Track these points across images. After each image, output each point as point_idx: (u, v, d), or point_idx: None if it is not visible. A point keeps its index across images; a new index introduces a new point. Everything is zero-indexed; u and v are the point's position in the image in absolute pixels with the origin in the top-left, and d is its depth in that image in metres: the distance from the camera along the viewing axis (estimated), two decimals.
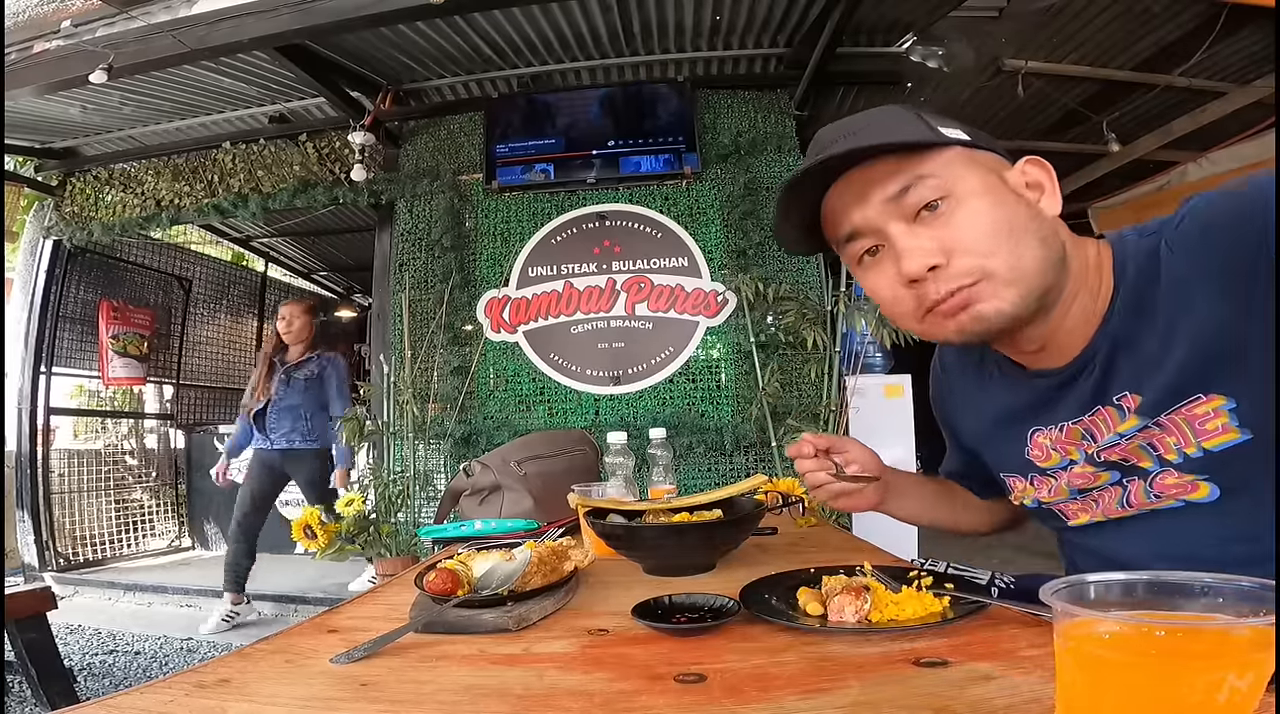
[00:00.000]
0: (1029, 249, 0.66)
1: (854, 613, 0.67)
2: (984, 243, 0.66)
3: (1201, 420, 0.66)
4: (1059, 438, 0.78)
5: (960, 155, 0.69)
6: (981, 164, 0.70)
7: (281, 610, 3.68)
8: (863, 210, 0.70)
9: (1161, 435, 0.70)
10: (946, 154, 0.68)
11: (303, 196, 3.88)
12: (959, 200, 0.67)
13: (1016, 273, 0.66)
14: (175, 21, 2.88)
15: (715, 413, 3.46)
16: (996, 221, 0.66)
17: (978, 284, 0.67)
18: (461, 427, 3.47)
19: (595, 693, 0.55)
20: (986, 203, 0.67)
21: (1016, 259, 0.66)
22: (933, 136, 0.68)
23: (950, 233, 0.67)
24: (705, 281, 3.54)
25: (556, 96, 3.75)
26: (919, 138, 0.68)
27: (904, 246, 0.68)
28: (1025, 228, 0.67)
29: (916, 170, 0.67)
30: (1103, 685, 0.36)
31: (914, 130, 0.70)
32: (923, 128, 0.69)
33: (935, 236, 0.67)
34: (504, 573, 0.82)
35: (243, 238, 6.21)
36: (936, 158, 0.68)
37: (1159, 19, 3.18)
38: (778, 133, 3.66)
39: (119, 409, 5.34)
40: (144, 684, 0.61)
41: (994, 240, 0.66)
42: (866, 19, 3.25)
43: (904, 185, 0.68)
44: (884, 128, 0.70)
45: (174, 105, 3.89)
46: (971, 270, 0.66)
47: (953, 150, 0.69)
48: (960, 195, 0.67)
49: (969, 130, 0.73)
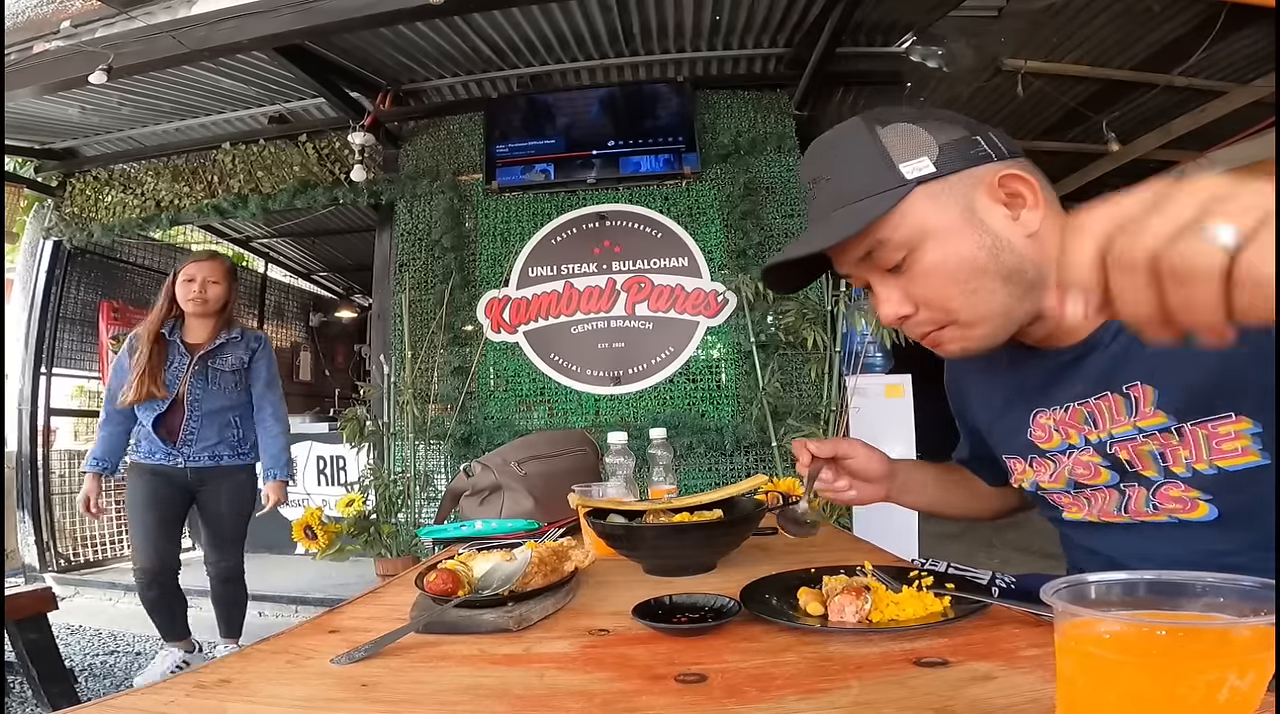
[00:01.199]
0: (990, 292, 0.70)
1: (854, 613, 0.67)
2: (944, 293, 0.71)
3: (1221, 439, 0.66)
4: (1061, 419, 0.78)
5: (922, 197, 0.69)
6: (948, 197, 0.70)
7: (282, 611, 3.68)
8: (844, 267, 0.77)
9: (1176, 446, 0.69)
10: (908, 202, 0.69)
11: (302, 197, 3.88)
12: (918, 256, 0.71)
13: (979, 315, 0.71)
14: (175, 22, 2.88)
15: (715, 413, 3.46)
16: (955, 270, 0.70)
17: (944, 329, 0.73)
18: (462, 427, 3.47)
19: (596, 693, 0.55)
20: (946, 251, 0.69)
21: (977, 303, 0.70)
22: (889, 197, 0.69)
23: (915, 287, 0.72)
24: (705, 281, 3.54)
25: (556, 96, 3.75)
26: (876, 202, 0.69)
27: (879, 296, 0.75)
28: (984, 269, 0.69)
29: (877, 236, 0.71)
30: (1103, 685, 0.36)
31: (871, 179, 0.70)
32: (882, 174, 0.70)
33: (903, 289, 0.73)
34: (504, 573, 0.82)
35: (242, 238, 6.20)
36: (898, 213, 0.69)
37: (1159, 18, 3.18)
38: (777, 133, 3.65)
39: None
40: (144, 685, 0.61)
41: (953, 288, 0.70)
42: (866, 19, 3.25)
43: (868, 250, 0.73)
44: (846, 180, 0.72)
45: (173, 106, 3.89)
46: (935, 319, 0.73)
47: (913, 195, 0.69)
48: (920, 249, 0.70)
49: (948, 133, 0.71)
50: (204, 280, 2.46)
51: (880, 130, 0.72)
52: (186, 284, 2.45)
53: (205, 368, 2.49)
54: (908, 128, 0.71)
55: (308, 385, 7.33)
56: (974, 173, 0.70)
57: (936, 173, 0.69)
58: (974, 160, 0.70)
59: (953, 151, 0.70)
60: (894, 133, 0.71)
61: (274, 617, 3.62)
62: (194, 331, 2.52)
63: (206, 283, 2.47)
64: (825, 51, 3.17)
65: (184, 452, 2.47)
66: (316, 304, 7.68)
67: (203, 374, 2.49)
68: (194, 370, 2.47)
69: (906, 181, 0.69)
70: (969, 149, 0.71)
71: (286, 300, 7.27)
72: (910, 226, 0.70)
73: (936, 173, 0.69)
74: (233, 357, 2.53)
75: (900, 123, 0.72)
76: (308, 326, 7.50)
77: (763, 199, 3.53)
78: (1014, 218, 0.70)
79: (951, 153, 0.70)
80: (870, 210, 0.69)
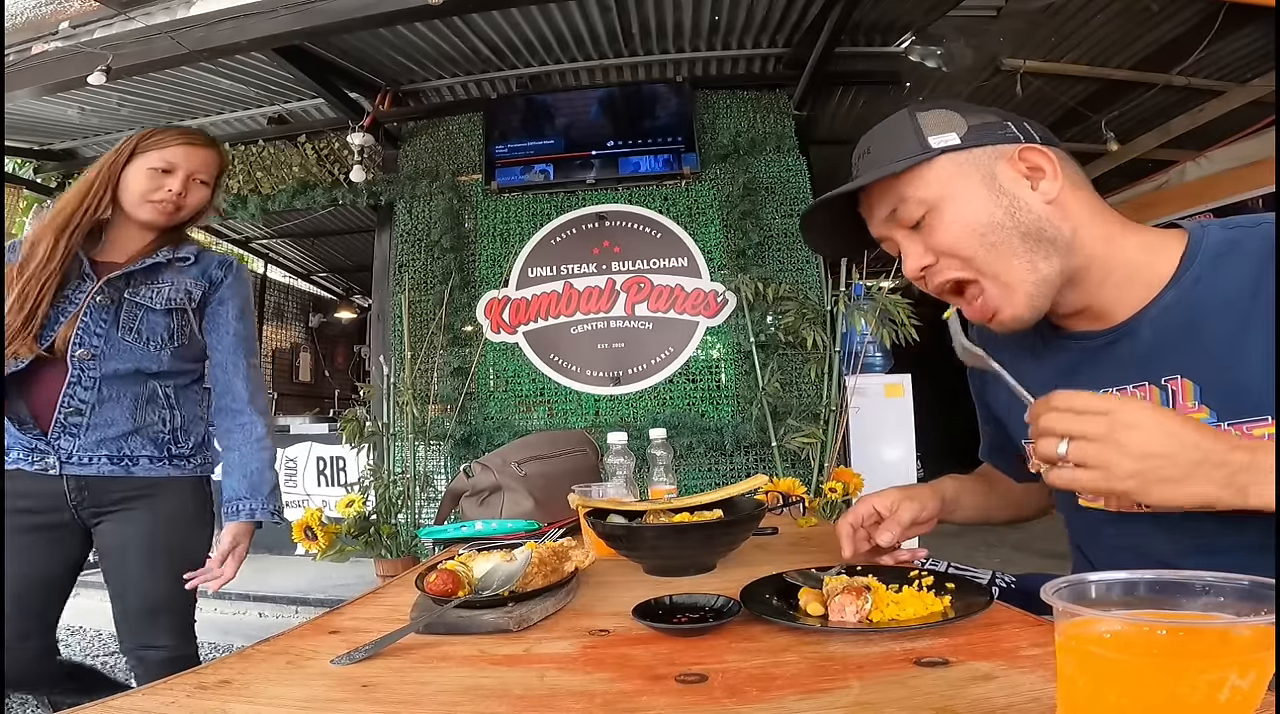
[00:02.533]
0: (1008, 246, 0.74)
1: (855, 613, 0.67)
2: (962, 245, 0.76)
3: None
4: None
5: (947, 164, 0.76)
6: (970, 165, 0.76)
7: (282, 612, 3.68)
8: (874, 227, 0.84)
9: None
10: (931, 168, 0.76)
11: (302, 198, 3.88)
12: (939, 212, 0.76)
13: (1000, 268, 0.75)
14: (174, 23, 2.87)
15: (715, 413, 3.46)
16: (968, 224, 0.75)
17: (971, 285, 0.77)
18: (462, 427, 3.47)
19: (596, 693, 0.55)
20: (962, 209, 0.75)
21: (997, 256, 0.75)
22: (911, 159, 0.76)
23: (935, 239, 0.77)
24: (705, 281, 3.54)
25: (556, 97, 3.75)
26: (899, 162, 0.77)
27: (904, 252, 0.81)
28: (1001, 223, 0.74)
29: (900, 193, 0.78)
30: (1104, 685, 0.36)
31: (903, 149, 0.78)
32: (912, 145, 0.77)
33: (925, 242, 0.78)
34: (505, 574, 0.82)
35: (242, 239, 6.20)
36: (919, 176, 0.77)
37: (1157, 18, 3.18)
38: (777, 133, 3.66)
39: None
40: (145, 685, 0.61)
41: (972, 238, 0.75)
42: (865, 19, 3.25)
43: (892, 208, 0.79)
44: (881, 151, 0.80)
45: (173, 107, 3.88)
46: (951, 266, 0.77)
47: (939, 162, 0.76)
48: (940, 207, 0.76)
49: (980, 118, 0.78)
50: (190, 176, 1.45)
51: (919, 113, 0.79)
52: (157, 175, 1.42)
53: (117, 300, 1.41)
54: (943, 112, 0.79)
55: (307, 386, 7.33)
56: (998, 148, 0.77)
57: (961, 145, 0.76)
58: (999, 139, 0.77)
59: (980, 130, 0.77)
60: (930, 115, 0.79)
61: (274, 618, 3.62)
62: (117, 244, 1.45)
63: (193, 181, 1.46)
64: (824, 51, 3.17)
65: (61, 447, 1.35)
66: (316, 305, 7.68)
67: (110, 310, 1.40)
68: (96, 303, 1.38)
69: (931, 149, 0.76)
70: (996, 130, 0.77)
71: (286, 301, 7.28)
72: (931, 186, 0.76)
73: (961, 145, 0.76)
74: (173, 287, 1.46)
75: (938, 109, 0.80)
76: (307, 327, 7.51)
77: (762, 199, 3.53)
78: (1033, 187, 0.75)
79: (979, 131, 0.77)
80: (893, 167, 0.77)
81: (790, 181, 3.59)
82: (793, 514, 1.42)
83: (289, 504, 4.37)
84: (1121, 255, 0.75)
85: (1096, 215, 0.76)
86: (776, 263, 3.49)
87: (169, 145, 1.45)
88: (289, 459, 4.48)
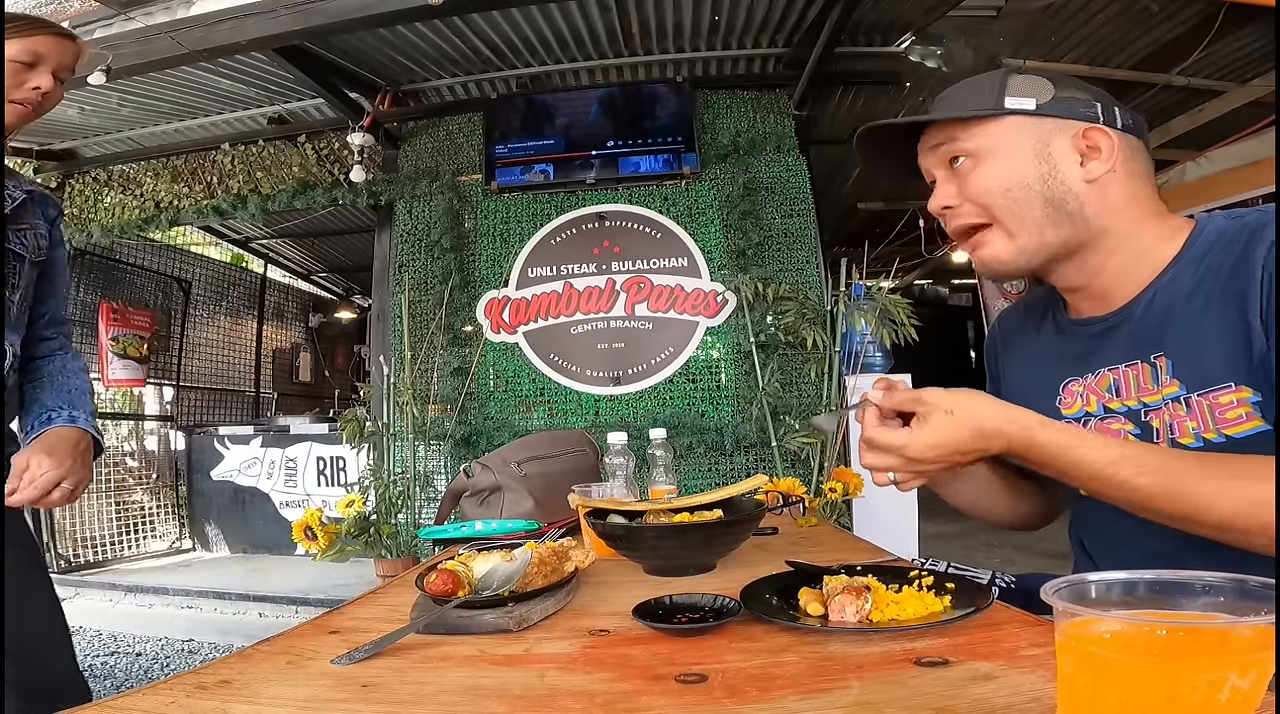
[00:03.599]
0: (1029, 205, 0.80)
1: (855, 613, 0.67)
2: (986, 196, 0.81)
3: (1224, 408, 0.71)
4: (1089, 384, 0.83)
5: (1010, 124, 0.80)
6: (1031, 131, 0.80)
7: (282, 612, 3.68)
8: (922, 154, 0.89)
9: (1184, 417, 0.74)
10: (995, 124, 0.81)
11: (302, 198, 3.87)
12: (978, 161, 0.82)
13: (1015, 222, 0.80)
14: (174, 23, 2.87)
15: (715, 413, 3.46)
16: (1001, 181, 0.80)
17: (986, 228, 0.83)
18: (462, 428, 3.47)
19: (596, 693, 0.55)
20: (1001, 166, 0.80)
21: (1016, 212, 0.80)
22: (980, 111, 0.81)
23: (966, 185, 0.83)
24: (705, 282, 3.54)
25: (556, 97, 3.75)
26: (967, 110, 0.82)
27: (937, 187, 0.87)
28: (1030, 186, 0.79)
29: (954, 134, 0.83)
30: (1104, 685, 0.36)
31: (979, 99, 0.82)
32: (988, 99, 0.81)
33: (957, 184, 0.84)
34: (505, 574, 0.82)
35: (242, 239, 6.21)
36: (980, 127, 0.81)
37: (1157, 18, 3.18)
38: (777, 133, 3.65)
39: (119, 411, 5.33)
40: (145, 685, 0.61)
41: (999, 192, 0.80)
42: (865, 19, 3.25)
43: (942, 143, 0.85)
44: (961, 95, 0.85)
45: (172, 107, 3.88)
46: (972, 212, 0.83)
47: (1005, 121, 0.80)
48: (982, 158, 0.81)
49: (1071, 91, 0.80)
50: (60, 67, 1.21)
51: (1012, 75, 0.82)
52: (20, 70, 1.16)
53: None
54: (1037, 78, 0.81)
55: (307, 386, 7.33)
56: (1068, 123, 0.79)
57: (1034, 111, 0.80)
58: (1077, 115, 0.79)
59: (1062, 103, 0.80)
60: (1023, 79, 0.82)
61: (274, 618, 3.62)
62: None
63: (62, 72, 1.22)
64: (824, 51, 3.17)
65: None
66: (316, 305, 7.68)
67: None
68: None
69: (1004, 109, 0.80)
70: (1079, 107, 0.79)
71: (286, 301, 7.28)
72: (983, 140, 0.81)
73: (1034, 111, 0.80)
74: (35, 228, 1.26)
75: (1036, 75, 0.82)
76: (307, 327, 7.51)
77: (762, 199, 3.53)
78: (1081, 164, 0.79)
79: (1060, 103, 0.80)
80: (959, 112, 0.82)
81: (790, 181, 3.59)
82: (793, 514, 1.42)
83: (289, 504, 4.39)
84: (1136, 243, 0.79)
85: (1134, 204, 0.80)
86: (776, 263, 3.49)
87: (36, 33, 1.17)
88: (289, 459, 4.49)
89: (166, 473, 5.27)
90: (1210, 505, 0.65)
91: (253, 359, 6.48)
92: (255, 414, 6.21)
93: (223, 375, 6.07)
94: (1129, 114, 0.81)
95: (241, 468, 4.61)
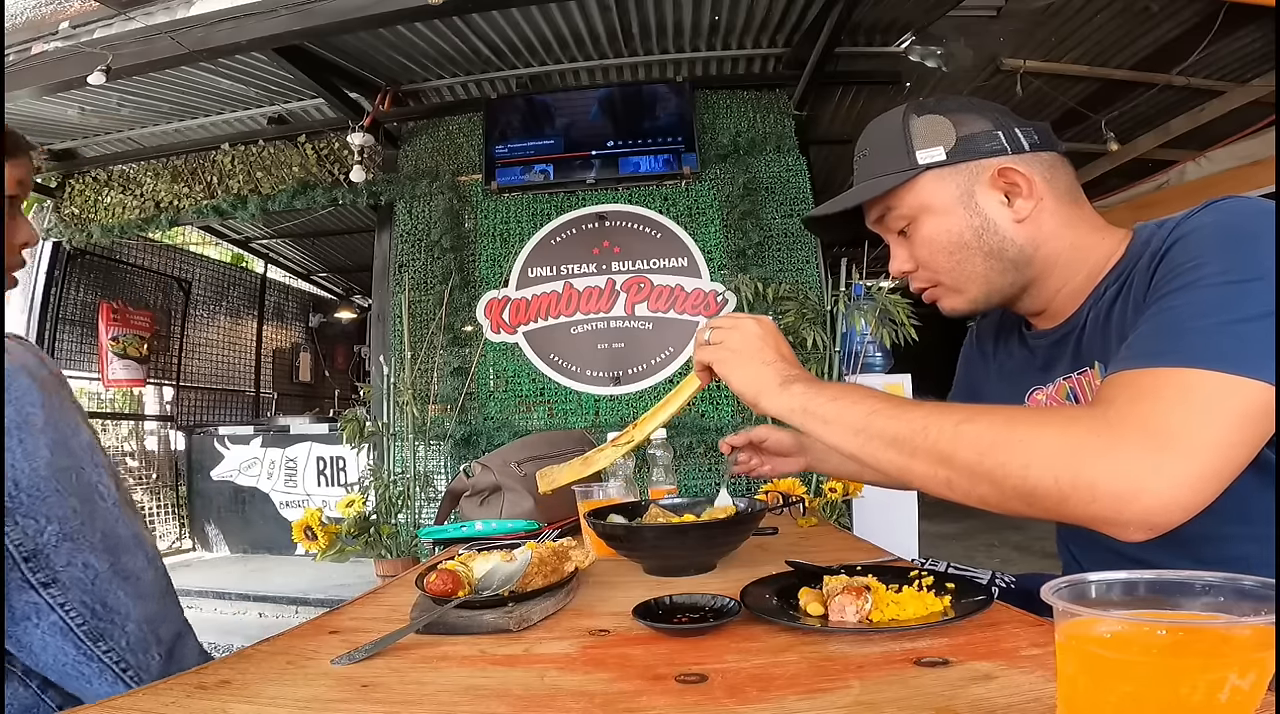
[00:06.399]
0: (971, 264, 0.83)
1: (855, 613, 0.67)
2: (935, 261, 0.85)
3: None
4: (1050, 394, 0.86)
5: (929, 179, 0.82)
6: (950, 182, 0.81)
7: (282, 612, 3.68)
8: (869, 223, 0.91)
9: None
10: (915, 184, 0.82)
11: (302, 198, 3.87)
12: (918, 226, 0.84)
13: (961, 282, 0.85)
14: (174, 23, 2.87)
15: (715, 413, 3.46)
16: (944, 243, 0.83)
17: (936, 287, 0.88)
18: (462, 428, 3.47)
19: (596, 693, 0.55)
20: (939, 226, 0.83)
21: (960, 273, 0.84)
22: (896, 177, 0.82)
23: (915, 250, 0.87)
24: (705, 282, 3.54)
25: (556, 97, 3.75)
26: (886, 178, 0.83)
27: (892, 253, 0.90)
28: (968, 244, 0.82)
29: (886, 203, 0.86)
30: (1104, 685, 0.36)
31: (892, 162, 0.83)
32: (900, 159, 0.82)
33: (908, 249, 0.87)
34: (504, 574, 0.82)
35: (242, 239, 6.21)
36: (906, 190, 0.83)
37: (1157, 18, 3.18)
38: (777, 133, 3.66)
39: (119, 411, 5.33)
40: (145, 685, 0.61)
41: (941, 256, 0.84)
42: (865, 19, 3.25)
43: (880, 215, 0.88)
44: (875, 160, 0.86)
45: (172, 107, 3.88)
46: (928, 278, 0.88)
47: (921, 178, 0.82)
48: (919, 219, 0.84)
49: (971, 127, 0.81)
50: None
51: (913, 119, 0.83)
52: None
53: None
54: (936, 119, 0.82)
55: (307, 386, 7.33)
56: (981, 163, 0.80)
57: (946, 161, 0.81)
58: (986, 153, 0.80)
59: (968, 143, 0.81)
60: (923, 122, 0.83)
61: (274, 618, 3.62)
62: None
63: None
64: (824, 51, 3.17)
65: None
66: (316, 305, 7.68)
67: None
68: None
69: (918, 166, 0.81)
70: (985, 143, 0.81)
71: (286, 301, 7.28)
72: (913, 202, 0.83)
73: (946, 161, 0.81)
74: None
75: (933, 114, 0.83)
76: (307, 327, 7.51)
77: (762, 199, 3.53)
78: (1008, 205, 0.80)
79: (966, 145, 0.81)
80: (879, 186, 0.84)
81: (790, 181, 3.59)
82: (793, 514, 1.42)
83: (289, 504, 4.39)
84: (1082, 261, 0.81)
85: (1067, 226, 0.81)
86: (776, 263, 3.49)
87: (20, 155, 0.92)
88: (289, 459, 4.49)
89: (166, 473, 5.27)
90: (924, 429, 0.65)
91: (253, 359, 6.48)
92: (255, 414, 6.21)
93: (223, 375, 6.07)
94: (1031, 129, 0.82)
95: (241, 468, 4.61)
